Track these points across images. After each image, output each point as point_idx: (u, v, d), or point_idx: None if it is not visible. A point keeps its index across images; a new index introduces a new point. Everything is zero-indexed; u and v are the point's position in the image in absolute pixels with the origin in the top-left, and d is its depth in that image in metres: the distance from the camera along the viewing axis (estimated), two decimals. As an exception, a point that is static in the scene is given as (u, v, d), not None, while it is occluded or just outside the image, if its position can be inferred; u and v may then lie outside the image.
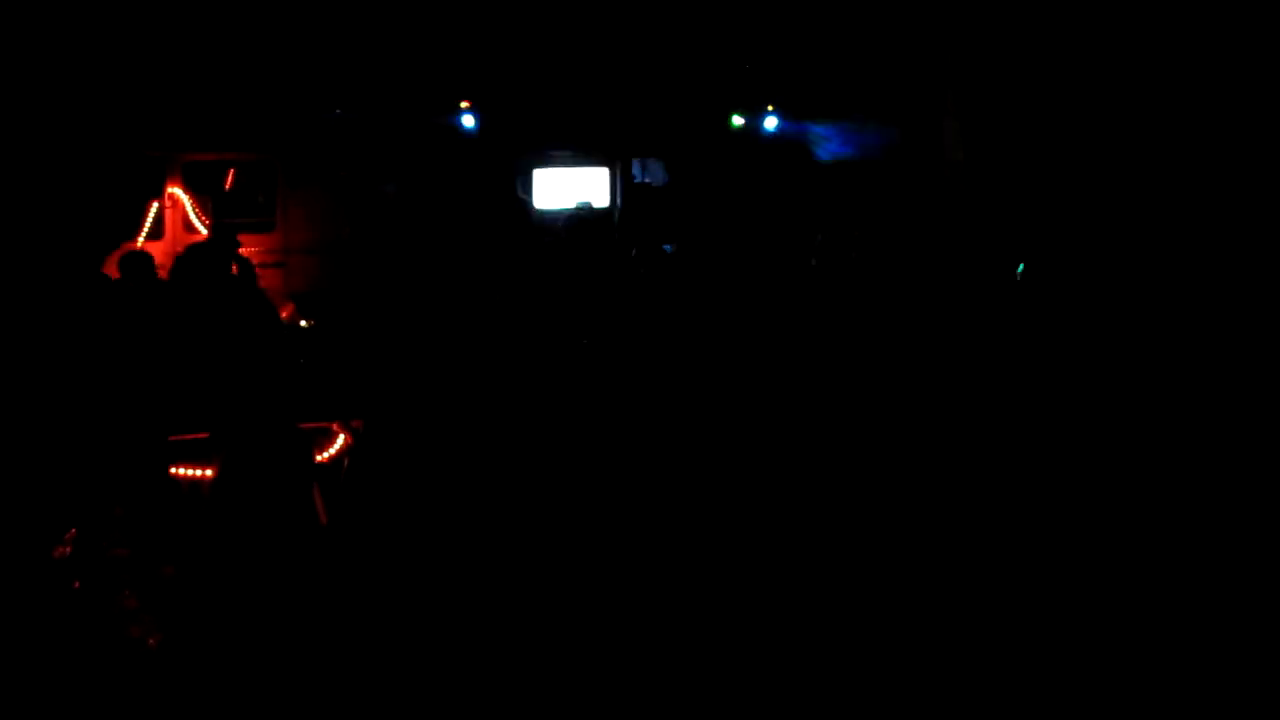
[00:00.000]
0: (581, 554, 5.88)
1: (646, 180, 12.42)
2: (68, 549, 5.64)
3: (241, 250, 7.72)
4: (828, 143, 12.31)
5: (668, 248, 11.43)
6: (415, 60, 11.20)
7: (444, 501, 6.63)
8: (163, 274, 9.42)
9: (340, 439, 6.98)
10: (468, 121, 11.48)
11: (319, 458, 6.72)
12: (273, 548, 5.49)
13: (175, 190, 10.60)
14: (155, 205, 10.49)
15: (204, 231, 10.34)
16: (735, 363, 7.84)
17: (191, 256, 5.97)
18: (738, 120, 12.10)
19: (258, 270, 9.84)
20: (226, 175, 11.07)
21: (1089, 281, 8.13)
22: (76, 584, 5.62)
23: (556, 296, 8.74)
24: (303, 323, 8.55)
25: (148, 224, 10.41)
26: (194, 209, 10.62)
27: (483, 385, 7.77)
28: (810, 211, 11.29)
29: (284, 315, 8.62)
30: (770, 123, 12.13)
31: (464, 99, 11.44)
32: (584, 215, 10.31)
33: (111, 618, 5.48)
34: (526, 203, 11.69)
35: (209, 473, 6.02)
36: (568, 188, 12.21)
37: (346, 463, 6.91)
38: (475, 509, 6.57)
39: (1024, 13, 10.64)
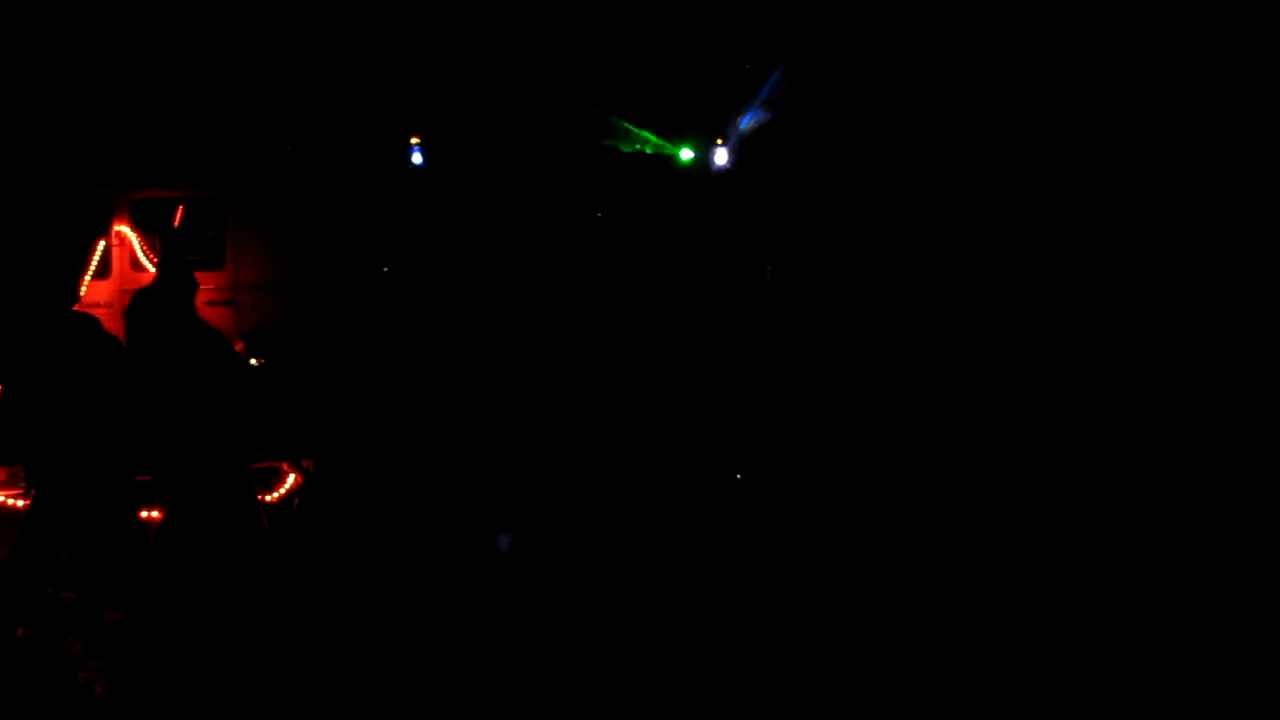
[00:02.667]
0: (541, 600, 5.88)
1: (598, 214, 12.47)
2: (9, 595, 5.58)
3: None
4: (777, 176, 12.41)
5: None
6: (364, 96, 11.20)
7: (396, 540, 6.61)
8: (108, 313, 9.36)
9: (290, 479, 6.95)
10: (416, 158, 11.49)
11: (268, 498, 6.68)
12: (221, 590, 5.44)
13: (123, 228, 10.52)
14: (102, 244, 10.41)
15: (152, 270, 10.26)
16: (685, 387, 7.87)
17: (150, 294, 5.92)
18: (686, 154, 12.18)
19: (209, 308, 9.80)
20: (175, 212, 11.00)
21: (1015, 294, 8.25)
22: (20, 631, 5.55)
23: (510, 331, 8.74)
24: (252, 361, 8.50)
25: (94, 263, 10.32)
26: (142, 247, 10.54)
27: (436, 421, 7.76)
28: (760, 243, 11.37)
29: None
30: (720, 156, 12.22)
31: (413, 135, 11.44)
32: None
33: (56, 663, 5.41)
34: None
35: (155, 515, 5.96)
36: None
37: (296, 502, 6.88)
38: (429, 547, 6.56)
39: (968, 45, 10.78)
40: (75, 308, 5.81)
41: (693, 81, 12.11)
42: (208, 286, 10.15)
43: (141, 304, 5.75)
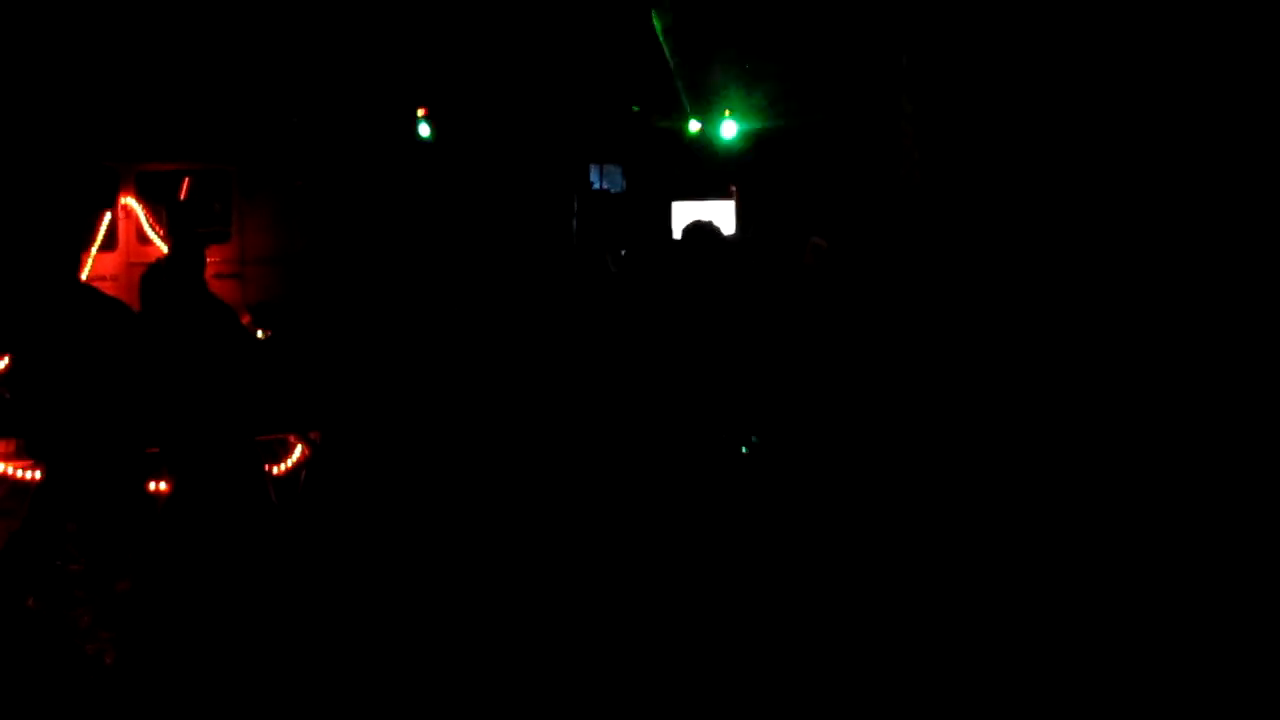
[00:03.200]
0: (548, 577, 5.88)
1: (605, 186, 12.43)
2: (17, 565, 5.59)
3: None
4: (784, 148, 12.37)
5: (624, 251, 11.45)
6: (371, 68, 11.16)
7: (404, 514, 6.61)
8: (114, 286, 9.35)
9: (298, 450, 6.95)
10: (424, 130, 11.46)
11: (276, 470, 6.69)
12: (229, 562, 5.45)
13: (129, 201, 10.50)
14: (109, 216, 10.39)
15: (158, 243, 10.25)
16: (704, 368, 7.83)
17: (163, 268, 5.91)
18: (694, 126, 12.13)
19: (216, 280, 9.79)
20: (181, 185, 10.97)
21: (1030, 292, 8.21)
22: (30, 601, 5.56)
23: (525, 304, 8.71)
24: (259, 334, 8.49)
25: (101, 235, 10.31)
26: (148, 219, 10.52)
27: (448, 397, 7.75)
28: (767, 220, 11.34)
29: (240, 326, 8.58)
30: (728, 128, 12.17)
31: (421, 106, 11.41)
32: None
33: (66, 634, 5.43)
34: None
35: (164, 486, 5.97)
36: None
37: (304, 475, 6.88)
38: (437, 522, 6.56)
39: (979, 25, 10.71)
40: (82, 280, 5.82)
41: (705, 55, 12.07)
42: (214, 259, 10.15)
43: (154, 277, 5.75)
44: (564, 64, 11.74)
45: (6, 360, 6.39)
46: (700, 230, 7.19)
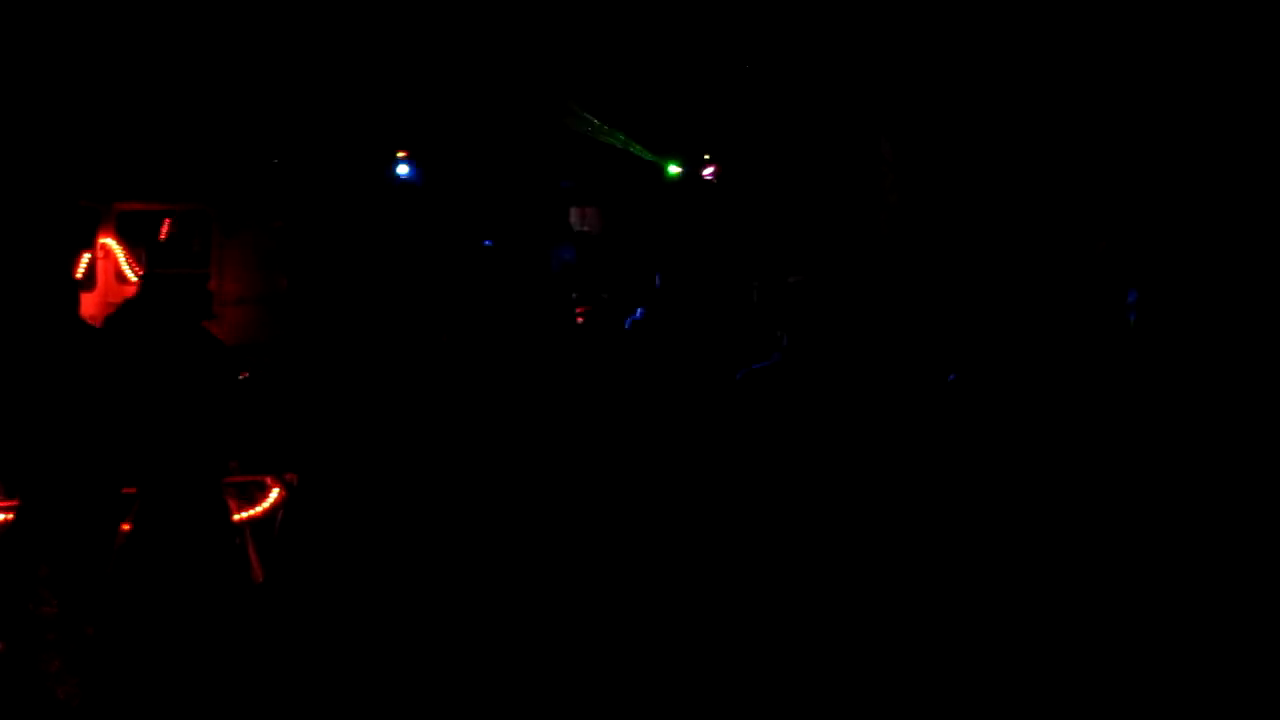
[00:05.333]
0: (534, 618, 5.85)
1: (584, 229, 12.47)
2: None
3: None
4: (764, 190, 12.44)
5: (605, 295, 11.46)
6: (352, 109, 11.18)
7: (384, 554, 6.56)
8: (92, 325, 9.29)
9: (274, 493, 6.91)
10: (404, 171, 11.48)
11: (251, 512, 6.64)
12: (191, 605, 5.40)
13: (108, 240, 10.48)
14: (87, 256, 10.36)
15: (136, 282, 10.22)
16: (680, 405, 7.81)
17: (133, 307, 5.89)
18: (674, 169, 12.19)
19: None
20: (161, 225, 10.95)
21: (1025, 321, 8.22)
22: (0, 644, 5.49)
23: (498, 345, 8.68)
24: (237, 375, 8.45)
25: (80, 275, 10.27)
26: (127, 259, 10.50)
27: (425, 435, 7.71)
28: (748, 259, 11.37)
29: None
30: (707, 171, 12.24)
31: (402, 149, 11.43)
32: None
33: (36, 678, 5.36)
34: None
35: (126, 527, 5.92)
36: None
37: (280, 516, 6.83)
38: (417, 563, 6.52)
39: (958, 63, 10.83)
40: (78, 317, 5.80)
41: (681, 97, 12.13)
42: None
43: (120, 317, 5.73)
44: (546, 103, 11.80)
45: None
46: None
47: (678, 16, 11.58)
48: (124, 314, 5.74)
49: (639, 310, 8.58)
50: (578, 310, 8.96)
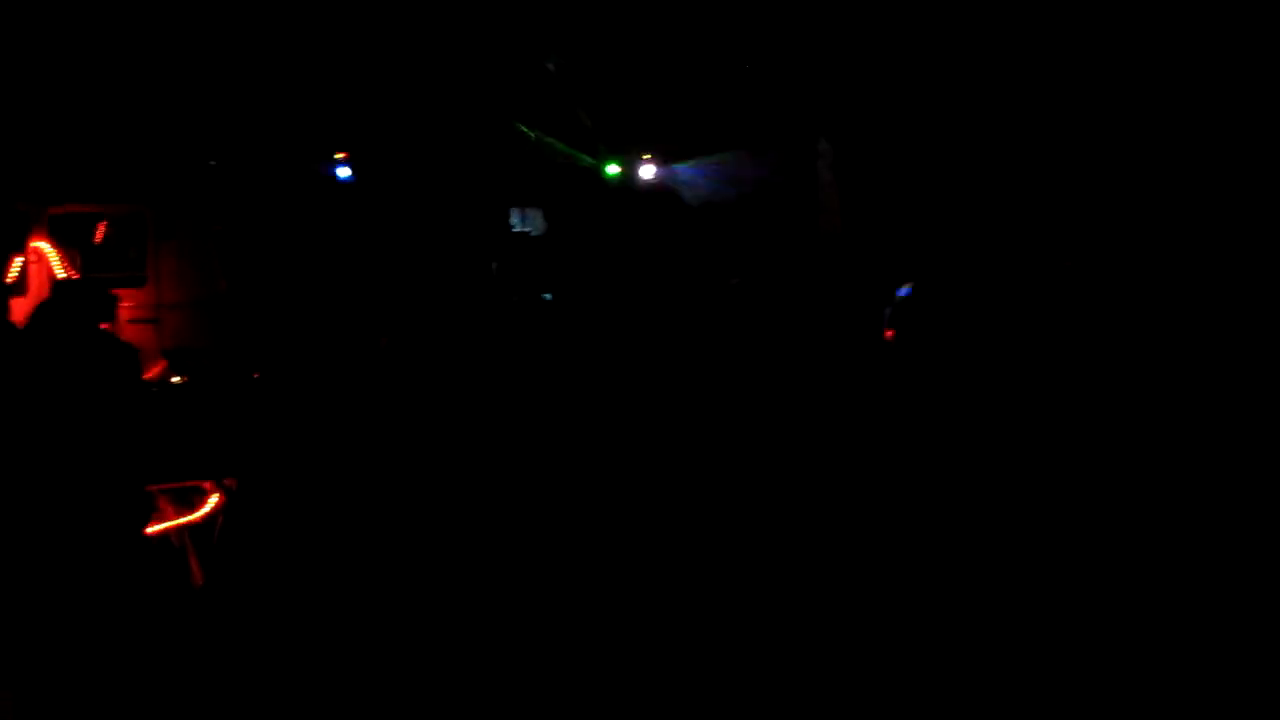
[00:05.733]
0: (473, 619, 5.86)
1: (526, 230, 12.47)
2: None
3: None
4: (704, 190, 12.51)
5: (547, 296, 11.49)
6: (290, 112, 11.11)
7: (325, 558, 6.56)
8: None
9: (213, 498, 6.86)
10: (343, 173, 11.42)
11: (189, 517, 6.60)
12: (110, 611, 5.36)
13: (41, 244, 10.34)
14: (19, 260, 10.23)
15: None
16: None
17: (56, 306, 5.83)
18: (613, 169, 12.23)
19: (130, 325, 9.64)
20: (96, 228, 10.83)
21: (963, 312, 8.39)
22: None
23: (436, 348, 8.69)
24: (175, 379, 8.39)
25: (11, 279, 10.14)
26: (61, 263, 10.37)
27: (364, 438, 7.71)
28: (686, 260, 11.44)
29: (155, 372, 8.47)
30: (646, 171, 12.28)
31: (340, 150, 11.37)
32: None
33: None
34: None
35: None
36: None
37: (220, 521, 6.79)
38: (357, 564, 6.51)
39: (896, 63, 10.97)
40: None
41: (623, 98, 12.18)
42: (129, 304, 10.01)
43: (36, 319, 5.68)
44: (485, 108, 11.79)
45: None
46: None
47: (615, 19, 11.64)
48: (34, 319, 5.69)
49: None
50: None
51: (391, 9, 11.13)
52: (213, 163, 10.99)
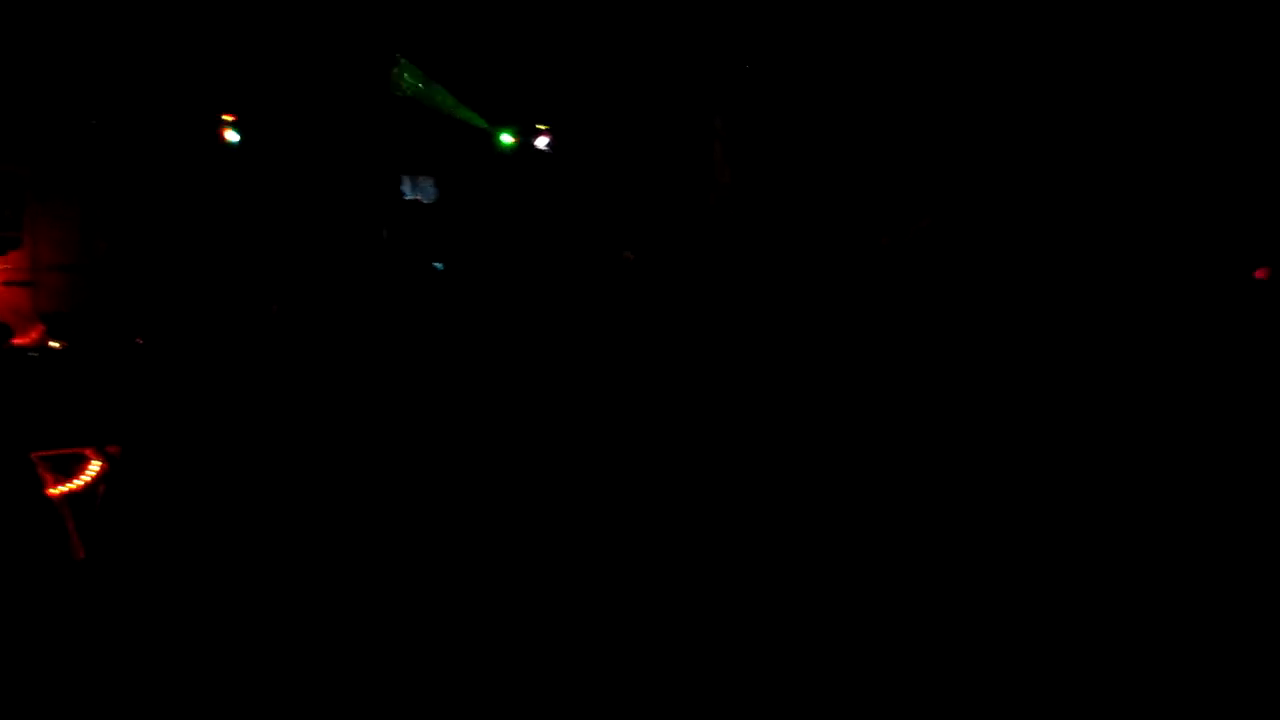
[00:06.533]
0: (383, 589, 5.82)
1: (416, 198, 12.35)
2: None
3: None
4: (597, 162, 12.51)
5: (439, 265, 11.41)
6: (176, 72, 10.85)
7: (213, 531, 6.46)
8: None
9: (94, 465, 6.72)
10: (232, 136, 11.19)
11: (69, 486, 6.45)
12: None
13: (-91, 202, 10.00)
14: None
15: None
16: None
17: None
18: (507, 139, 12.17)
19: (4, 289, 9.38)
20: (-34, 187, 10.49)
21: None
22: None
23: (321, 314, 8.61)
24: (53, 344, 8.18)
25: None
26: (-71, 222, 10.04)
27: (251, 408, 7.61)
28: (586, 228, 11.45)
29: (33, 337, 8.25)
30: (542, 141, 12.25)
31: (227, 112, 11.14)
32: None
33: None
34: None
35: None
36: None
37: (102, 490, 6.65)
38: (246, 537, 6.43)
39: (786, 45, 11.08)
40: None
41: (514, 63, 12.11)
42: (4, 267, 9.73)
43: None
44: (374, 73, 11.65)
45: None
46: None
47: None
48: None
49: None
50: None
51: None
52: (94, 122, 10.69)
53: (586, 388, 7.65)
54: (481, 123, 12.19)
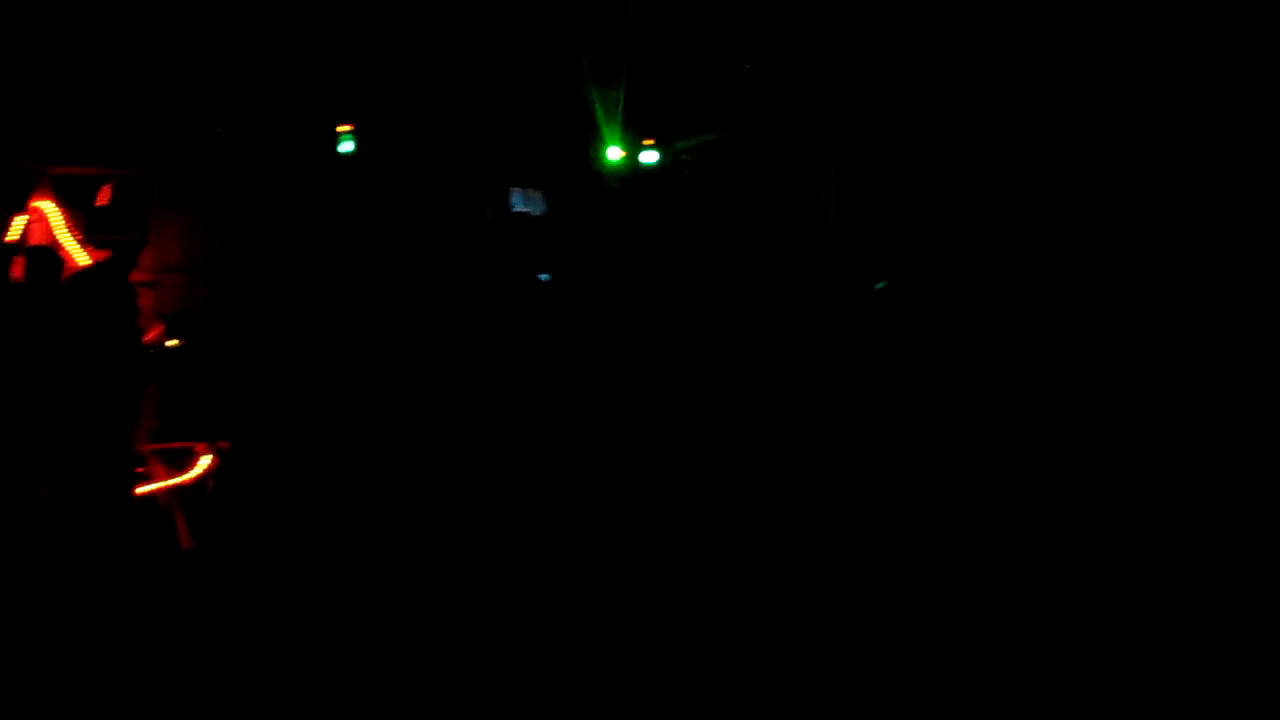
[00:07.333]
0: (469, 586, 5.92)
1: (525, 210, 12.49)
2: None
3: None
4: (705, 178, 12.53)
5: (544, 277, 11.53)
6: (297, 81, 11.14)
7: (317, 524, 6.61)
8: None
9: (205, 460, 6.93)
10: (346, 146, 11.45)
11: (179, 479, 6.66)
12: (99, 567, 5.42)
13: (43, 204, 10.35)
14: (21, 219, 10.23)
15: (72, 247, 10.12)
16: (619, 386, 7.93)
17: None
18: (614, 154, 12.26)
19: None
20: (99, 190, 10.83)
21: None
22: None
23: (428, 322, 8.72)
24: (171, 342, 8.43)
25: (14, 238, 10.15)
26: (64, 224, 10.39)
27: (361, 410, 7.75)
28: (686, 246, 11.47)
29: (153, 335, 8.51)
30: (649, 156, 12.32)
31: (345, 122, 11.39)
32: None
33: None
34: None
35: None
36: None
37: (211, 484, 6.86)
38: (352, 534, 6.57)
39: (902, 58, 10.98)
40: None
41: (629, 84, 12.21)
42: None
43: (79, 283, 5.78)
44: (489, 88, 11.82)
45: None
46: None
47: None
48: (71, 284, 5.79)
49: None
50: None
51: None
52: (218, 129, 11.01)
53: (682, 403, 7.66)
54: (615, 135, 12.25)
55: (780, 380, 8.53)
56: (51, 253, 7.22)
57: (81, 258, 8.56)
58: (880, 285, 8.49)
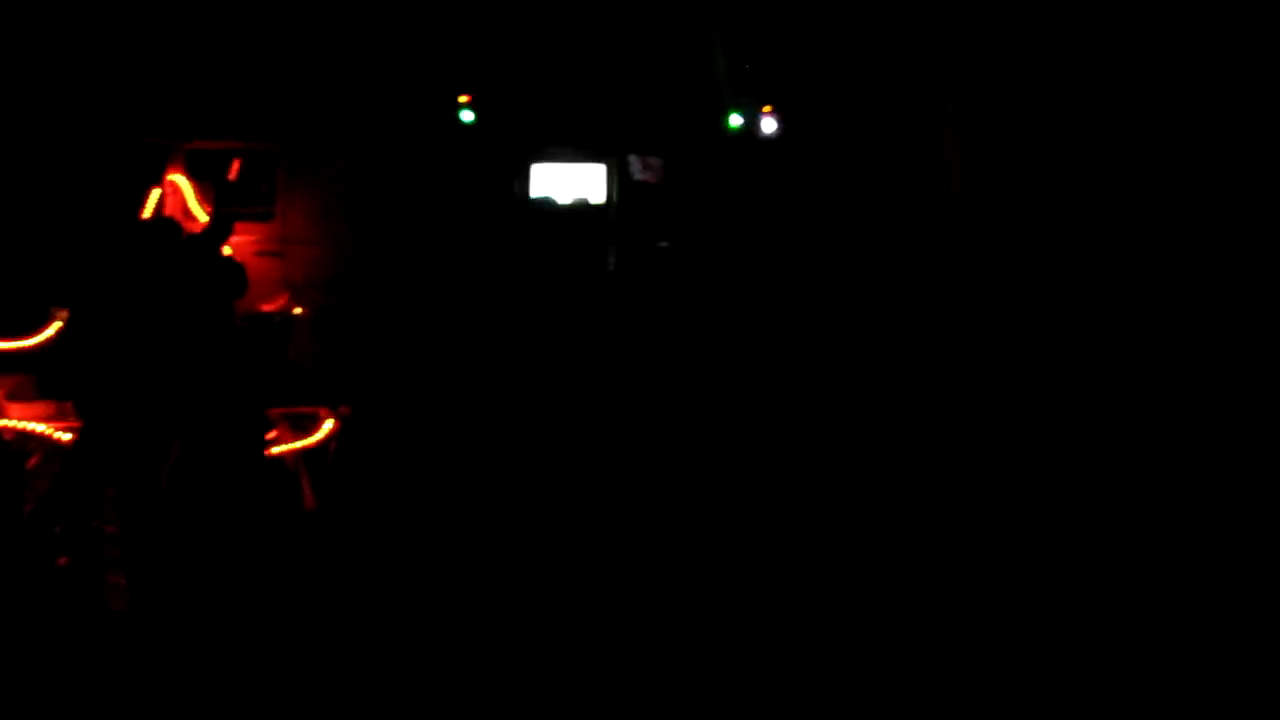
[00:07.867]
0: (573, 555, 5.97)
1: (646, 177, 12.50)
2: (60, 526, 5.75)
3: (235, 239, 7.86)
4: (823, 146, 12.39)
5: (664, 244, 11.53)
6: (417, 54, 11.27)
7: (434, 490, 6.73)
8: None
9: (328, 424, 7.09)
10: (467, 116, 11.57)
11: (304, 442, 6.82)
12: (230, 528, 5.58)
13: (177, 177, 10.66)
14: (156, 192, 10.56)
15: (204, 219, 10.41)
16: (733, 361, 7.92)
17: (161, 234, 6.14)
18: (735, 120, 12.18)
19: (257, 259, 9.91)
20: (229, 164, 11.10)
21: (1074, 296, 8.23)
22: (62, 560, 5.72)
23: (549, 290, 8.78)
24: (296, 310, 8.63)
25: (148, 211, 10.48)
26: (196, 197, 10.68)
27: (477, 377, 7.85)
28: (804, 215, 11.36)
29: (279, 304, 8.72)
30: (768, 124, 12.22)
31: (465, 94, 11.51)
32: (580, 210, 10.32)
33: (96, 593, 5.59)
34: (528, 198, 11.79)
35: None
36: (565, 183, 12.29)
37: (333, 447, 7.02)
38: (468, 499, 6.68)
39: (1030, 25, 10.71)
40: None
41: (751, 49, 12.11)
42: (258, 237, 10.30)
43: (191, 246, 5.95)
44: (606, 58, 11.83)
45: (59, 324, 6.60)
46: None
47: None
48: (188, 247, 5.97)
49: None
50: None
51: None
52: (341, 103, 11.21)
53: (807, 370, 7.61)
54: (739, 104, 12.17)
55: (908, 351, 8.42)
56: (175, 224, 7.43)
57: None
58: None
